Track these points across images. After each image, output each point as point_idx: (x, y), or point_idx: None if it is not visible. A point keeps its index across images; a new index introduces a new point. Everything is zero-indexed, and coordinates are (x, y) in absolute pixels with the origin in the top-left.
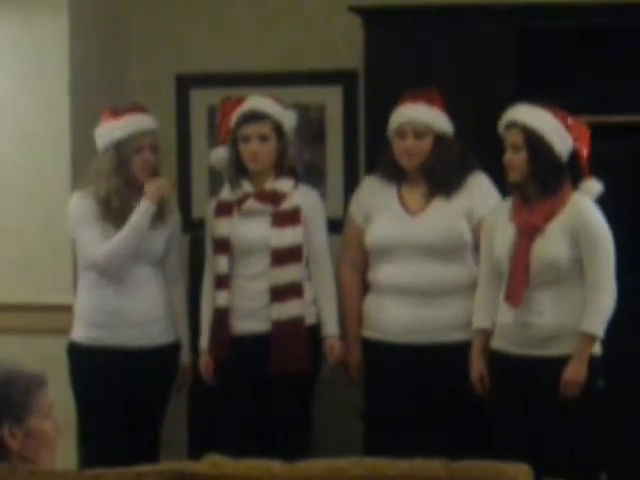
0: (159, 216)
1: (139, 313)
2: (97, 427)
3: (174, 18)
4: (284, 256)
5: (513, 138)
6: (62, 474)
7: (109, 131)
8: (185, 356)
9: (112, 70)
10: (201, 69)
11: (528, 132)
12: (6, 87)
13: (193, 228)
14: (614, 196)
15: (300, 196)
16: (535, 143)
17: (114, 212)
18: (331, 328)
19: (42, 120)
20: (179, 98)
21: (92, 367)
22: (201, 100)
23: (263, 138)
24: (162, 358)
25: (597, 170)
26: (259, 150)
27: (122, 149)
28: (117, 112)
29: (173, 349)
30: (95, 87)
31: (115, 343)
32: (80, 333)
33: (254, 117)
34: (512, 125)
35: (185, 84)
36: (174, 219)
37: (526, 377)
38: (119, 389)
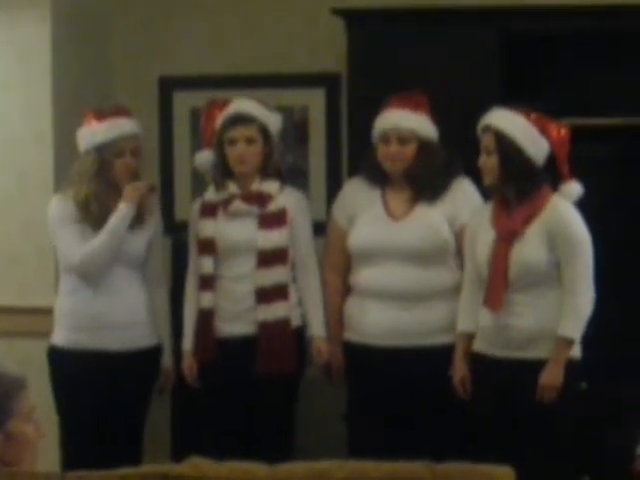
0: (139, 219)
1: (119, 316)
2: (78, 430)
3: (157, 20)
4: (270, 258)
5: (486, 142)
6: (45, 476)
7: (91, 134)
8: (167, 359)
9: (95, 73)
10: (184, 71)
11: (499, 136)
12: None
13: (176, 230)
14: (598, 198)
15: (286, 198)
16: (505, 147)
17: (93, 216)
18: (318, 329)
19: (25, 123)
20: (162, 100)
21: (73, 371)
22: (184, 102)
23: (249, 141)
24: (143, 361)
25: (581, 173)
26: (245, 153)
27: (104, 152)
28: (100, 115)
29: (154, 352)
30: (78, 90)
31: (96, 346)
32: (60, 336)
33: (240, 120)
34: (486, 129)
35: (168, 86)
36: (155, 222)
37: (506, 379)
38: (100, 392)
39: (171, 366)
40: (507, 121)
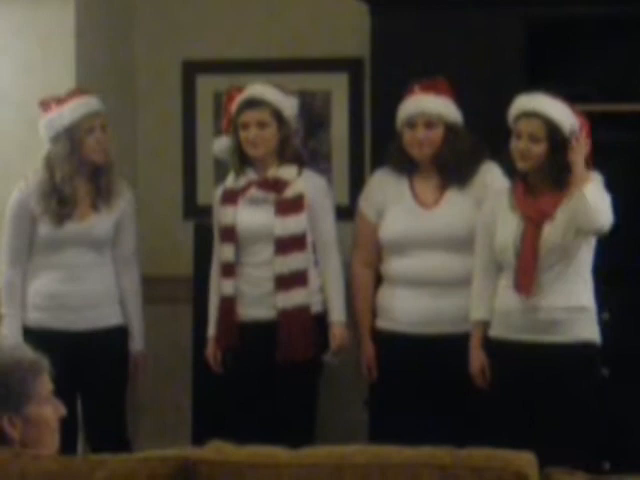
0: (105, 200)
1: (77, 297)
2: None
3: (180, 4)
4: (287, 245)
5: (532, 128)
6: (66, 459)
7: (58, 118)
8: (136, 343)
9: (118, 57)
10: (207, 55)
11: (551, 125)
12: (12, 74)
13: (198, 215)
14: (620, 183)
15: (305, 183)
16: (557, 137)
17: (61, 200)
18: (337, 315)
19: None
20: (185, 84)
21: (38, 350)
22: (207, 86)
23: (261, 124)
24: (105, 342)
25: (601, 158)
26: (257, 136)
27: (74, 132)
28: (60, 100)
29: (118, 333)
30: (101, 74)
31: (56, 326)
32: (27, 316)
33: (252, 104)
34: (531, 115)
35: (191, 70)
36: (125, 203)
37: (526, 364)
38: (62, 372)
39: (140, 351)
40: (557, 110)
